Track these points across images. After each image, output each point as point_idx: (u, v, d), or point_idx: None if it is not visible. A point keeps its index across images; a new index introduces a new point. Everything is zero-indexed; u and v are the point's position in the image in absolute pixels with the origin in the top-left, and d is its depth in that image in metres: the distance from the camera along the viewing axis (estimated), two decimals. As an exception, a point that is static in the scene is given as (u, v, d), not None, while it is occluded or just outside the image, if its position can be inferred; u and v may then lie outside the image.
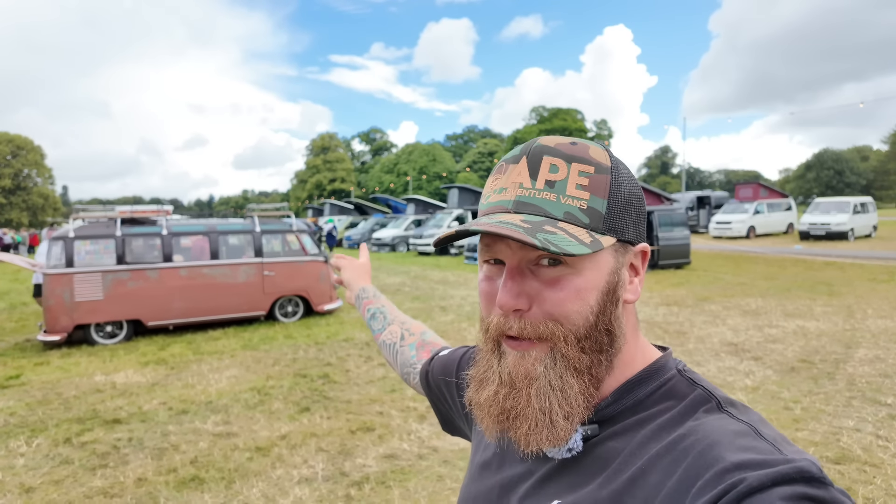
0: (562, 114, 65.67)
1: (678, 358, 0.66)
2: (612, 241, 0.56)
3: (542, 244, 0.51)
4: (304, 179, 79.49)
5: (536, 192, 0.57)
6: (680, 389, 0.59)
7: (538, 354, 0.56)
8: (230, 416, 4.44)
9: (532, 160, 0.58)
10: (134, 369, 5.95)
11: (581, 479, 0.57)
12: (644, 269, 0.63)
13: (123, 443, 3.99)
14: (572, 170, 0.57)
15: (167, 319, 7.57)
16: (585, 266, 0.56)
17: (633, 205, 0.60)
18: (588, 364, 0.57)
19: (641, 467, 0.53)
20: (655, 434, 0.55)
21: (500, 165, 0.62)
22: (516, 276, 0.56)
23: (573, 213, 0.56)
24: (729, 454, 0.47)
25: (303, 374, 5.53)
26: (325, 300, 8.62)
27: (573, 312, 0.55)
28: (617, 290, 0.58)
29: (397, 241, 21.91)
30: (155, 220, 7.79)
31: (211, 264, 7.78)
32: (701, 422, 0.53)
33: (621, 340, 0.59)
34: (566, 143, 0.59)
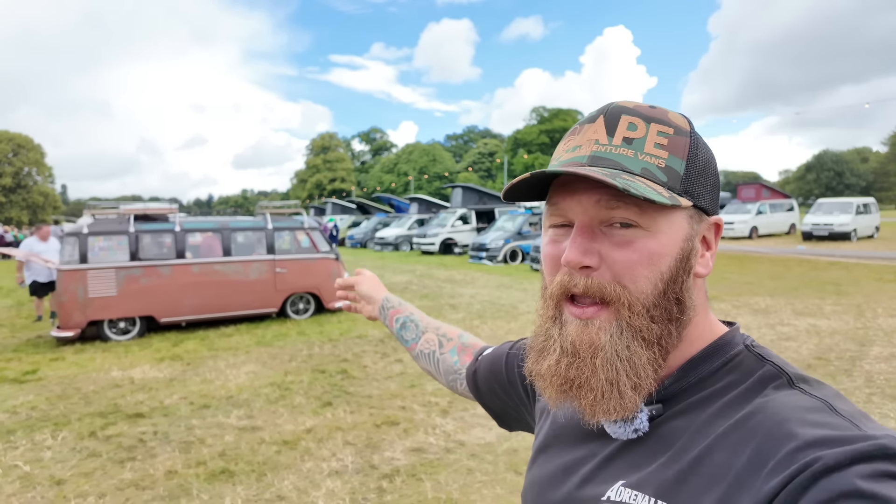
0: (562, 114, 65.76)
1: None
2: (688, 203, 0.54)
3: (622, 186, 0.49)
4: (305, 179, 79.49)
5: (613, 148, 0.55)
6: (748, 365, 0.56)
7: (602, 323, 0.54)
8: (253, 411, 4.45)
9: (609, 118, 0.57)
10: (150, 365, 5.96)
11: (644, 459, 0.55)
12: (716, 245, 0.60)
13: (149, 436, 4.00)
14: (651, 129, 0.56)
15: (180, 316, 7.57)
16: (661, 228, 0.53)
17: (710, 173, 0.58)
18: (658, 334, 0.54)
19: (708, 446, 0.50)
20: (721, 412, 0.53)
21: (573, 128, 0.60)
22: (586, 233, 0.54)
23: (651, 170, 0.54)
24: (801, 431, 0.45)
25: (321, 370, 5.54)
26: (335, 297, 8.56)
27: (642, 277, 0.53)
28: (690, 259, 0.56)
29: (400, 241, 21.91)
30: (168, 216, 7.80)
31: (223, 261, 7.79)
32: (770, 398, 0.51)
33: (692, 312, 0.57)
34: (645, 105, 0.58)
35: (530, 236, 15.94)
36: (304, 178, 79.59)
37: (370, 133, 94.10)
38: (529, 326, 7.27)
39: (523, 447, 3.65)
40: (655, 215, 0.53)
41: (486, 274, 13.34)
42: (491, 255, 15.55)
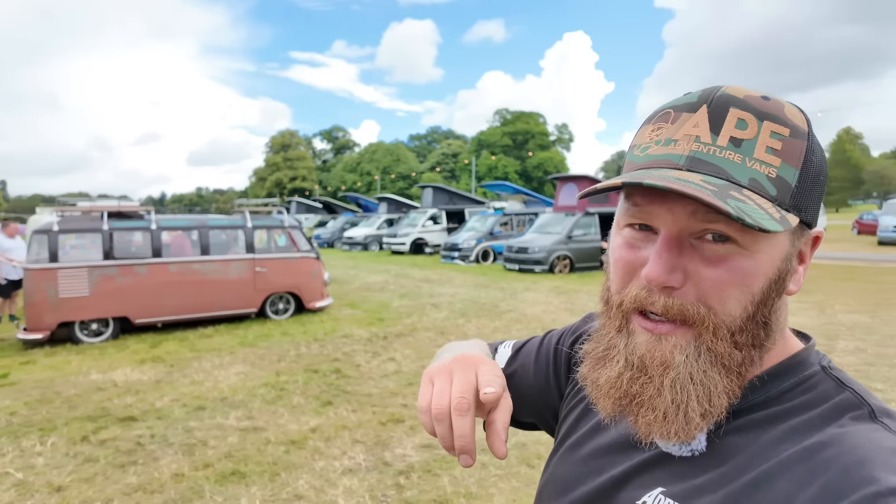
0: (525, 117, 66.69)
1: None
2: (796, 220, 0.47)
3: (736, 213, 0.42)
4: (264, 177, 77.87)
5: (717, 150, 0.48)
6: (824, 389, 0.51)
7: (678, 342, 0.49)
8: (251, 411, 4.37)
9: (714, 111, 0.49)
10: (131, 367, 5.75)
11: (691, 470, 0.52)
12: (811, 258, 0.54)
13: (146, 439, 3.88)
14: (763, 129, 0.48)
15: (156, 317, 7.32)
16: (760, 248, 0.47)
17: (821, 181, 0.51)
18: (739, 361, 0.49)
19: (767, 471, 0.46)
20: (787, 436, 0.48)
21: (664, 112, 0.52)
22: (674, 248, 0.48)
23: (760, 182, 0.47)
24: (884, 476, 0.40)
25: (314, 370, 5.48)
26: (316, 297, 8.52)
27: (732, 299, 0.48)
28: (786, 280, 0.50)
29: (370, 240, 21.78)
30: (142, 213, 7.53)
31: (202, 260, 7.58)
32: (847, 430, 0.46)
33: (777, 335, 0.52)
34: (757, 96, 0.50)
35: (502, 236, 16.14)
36: (264, 177, 77.93)
37: (332, 131, 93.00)
38: (514, 324, 7.44)
39: (531, 441, 3.73)
40: (757, 234, 0.47)
41: (461, 273, 13.43)
42: (463, 255, 15.66)
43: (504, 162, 60.54)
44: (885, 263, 14.15)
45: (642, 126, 0.54)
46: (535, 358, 0.77)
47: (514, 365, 0.78)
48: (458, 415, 0.53)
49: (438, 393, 0.56)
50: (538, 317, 8.01)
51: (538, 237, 13.56)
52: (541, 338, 0.80)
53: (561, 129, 71.16)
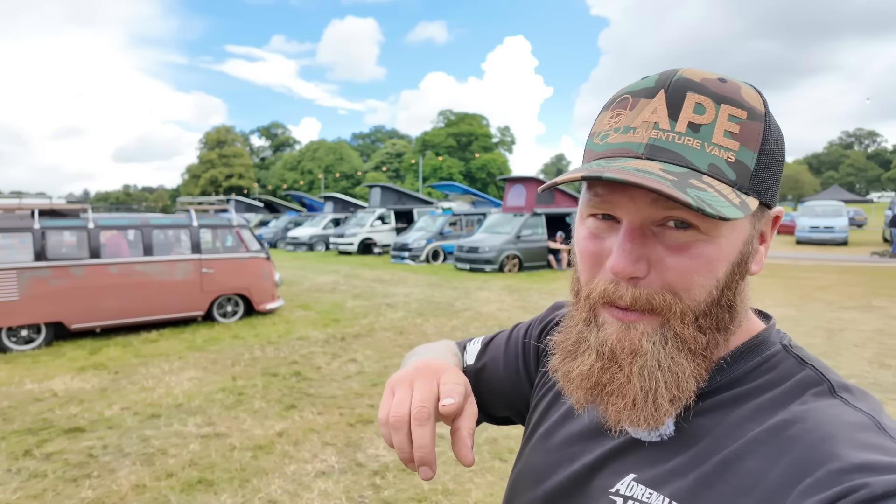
0: (468, 118, 67.33)
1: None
2: (756, 203, 0.48)
3: (696, 203, 0.42)
4: (197, 175, 74.74)
5: (676, 136, 0.47)
6: (785, 367, 0.52)
7: (646, 328, 0.50)
8: (211, 418, 4.20)
9: (672, 96, 0.48)
10: (70, 375, 5.39)
11: (662, 454, 0.52)
12: (772, 237, 0.55)
13: (98, 451, 3.65)
14: (721, 112, 0.47)
15: (94, 321, 6.88)
16: (721, 232, 0.48)
17: (779, 161, 0.51)
18: (704, 344, 0.50)
19: (736, 451, 0.47)
20: (753, 415, 0.49)
21: (622, 98, 0.52)
22: (637, 238, 0.48)
23: (719, 167, 0.47)
24: (847, 451, 0.41)
25: (272, 373, 5.33)
26: (267, 299, 8.27)
27: (697, 285, 0.48)
28: (748, 262, 0.51)
29: (315, 240, 21.34)
30: (78, 212, 7.05)
31: (144, 261, 7.19)
32: (810, 407, 0.47)
33: (742, 316, 0.53)
34: (714, 78, 0.49)
35: (451, 236, 16.24)
36: (197, 174, 74.78)
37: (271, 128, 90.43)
38: (471, 322, 7.53)
39: (502, 436, 3.80)
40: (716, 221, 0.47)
41: (412, 273, 13.41)
42: (413, 255, 15.65)
43: (449, 163, 60.88)
44: (803, 261, 15.32)
45: (601, 112, 0.54)
46: (504, 350, 0.77)
47: (483, 359, 0.78)
48: (417, 424, 0.52)
49: (398, 402, 0.54)
50: (494, 315, 8.13)
51: (488, 237, 13.76)
52: (509, 330, 0.81)
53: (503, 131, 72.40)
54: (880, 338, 6.35)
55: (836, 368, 5.18)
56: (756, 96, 0.50)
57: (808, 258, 15.97)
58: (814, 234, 19.38)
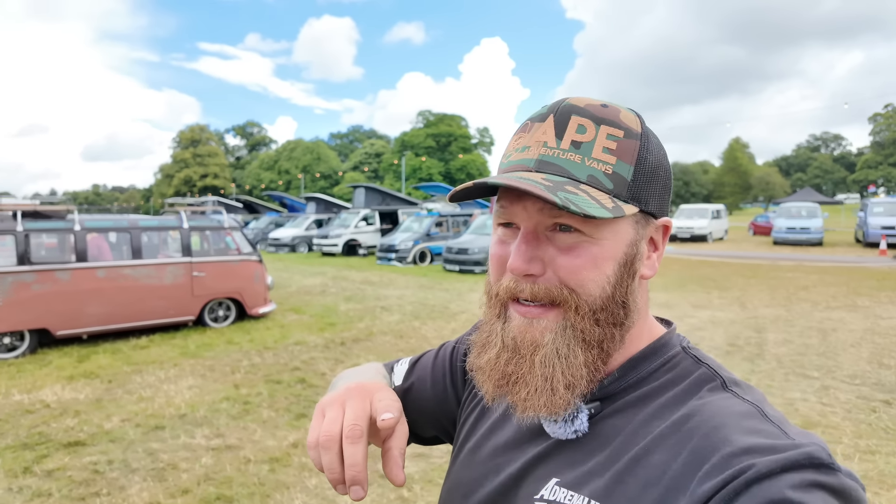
0: (447, 119, 67.28)
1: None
2: (634, 210, 0.54)
3: (562, 202, 0.48)
4: (171, 174, 73.24)
5: (561, 153, 0.54)
6: (684, 367, 0.58)
7: (548, 323, 0.54)
8: (219, 429, 4.05)
9: (559, 119, 0.55)
10: (60, 385, 5.15)
11: (580, 456, 0.56)
12: (664, 245, 0.60)
13: (103, 466, 3.48)
14: (600, 132, 0.54)
15: (81, 327, 6.60)
16: (604, 235, 0.54)
17: (659, 176, 0.57)
18: (600, 337, 0.55)
19: (645, 447, 0.52)
20: (658, 412, 0.54)
21: (524, 124, 0.59)
22: (531, 241, 0.54)
23: (597, 177, 0.53)
24: (736, 437, 0.46)
25: (275, 381, 5.18)
26: (259, 303, 8.07)
27: (589, 281, 0.53)
28: (635, 263, 0.56)
29: (297, 242, 21.01)
30: (64, 213, 6.77)
31: (133, 264, 6.94)
32: (705, 401, 0.52)
33: (635, 315, 0.57)
34: (597, 104, 0.56)
35: (438, 237, 16.16)
36: (171, 174, 73.26)
37: (246, 127, 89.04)
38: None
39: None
40: (598, 223, 0.53)
41: (401, 275, 13.28)
42: (400, 257, 15.51)
43: (428, 163, 60.75)
44: (782, 261, 15.67)
45: (512, 136, 0.61)
46: (431, 369, 0.79)
47: (411, 378, 0.79)
48: (349, 442, 0.52)
49: (329, 421, 0.55)
50: (490, 318, 8.06)
51: (477, 238, 13.72)
52: (436, 349, 0.82)
53: (483, 132, 72.53)
54: (872, 337, 6.49)
55: (838, 369, 5.29)
56: (634, 119, 0.57)
57: (787, 258, 16.34)
58: (790, 234, 19.85)
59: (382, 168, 66.34)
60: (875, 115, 67.24)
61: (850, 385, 4.82)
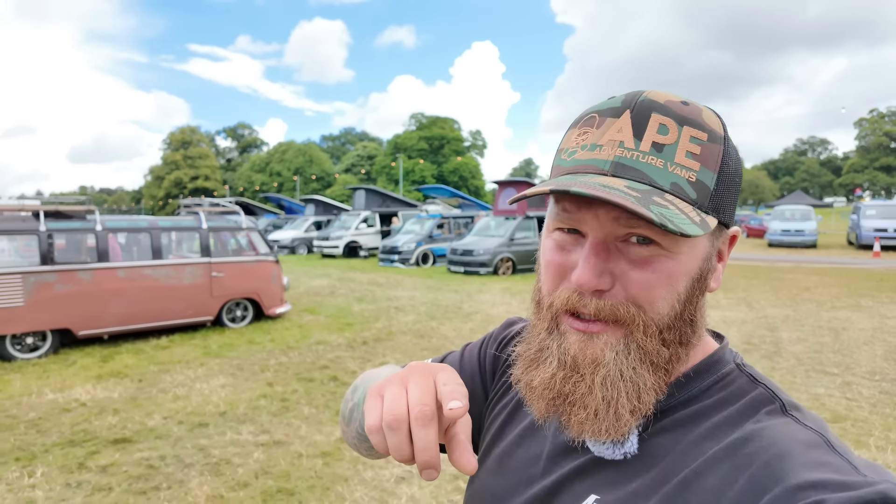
0: (440, 122, 67.45)
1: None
2: (715, 222, 0.50)
3: (658, 219, 0.44)
4: (161, 176, 72.64)
5: (640, 155, 0.49)
6: (739, 385, 0.54)
7: (609, 339, 0.51)
8: (263, 425, 4.10)
9: (637, 116, 0.50)
10: (90, 384, 5.16)
11: (624, 475, 0.52)
12: (729, 256, 0.57)
13: (157, 462, 3.51)
14: (683, 134, 0.50)
15: (103, 328, 6.60)
16: (681, 249, 0.50)
17: (736, 183, 0.54)
18: (667, 358, 0.51)
19: (696, 469, 0.48)
20: (711, 433, 0.50)
21: (589, 117, 0.53)
22: (601, 252, 0.50)
23: (681, 186, 0.49)
24: (802, 469, 0.43)
25: (308, 379, 5.23)
26: (276, 303, 8.10)
27: (660, 298, 0.50)
28: (707, 278, 0.53)
29: (297, 244, 20.99)
30: (84, 213, 6.76)
31: (154, 264, 6.95)
32: (764, 425, 0.49)
33: (701, 332, 0.55)
34: (677, 101, 0.52)
35: (440, 239, 16.24)
36: (161, 175, 72.64)
37: (237, 128, 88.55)
38: (486, 325, 7.56)
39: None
40: (677, 237, 0.49)
41: (407, 277, 13.34)
42: (403, 258, 15.57)
43: (421, 166, 60.84)
44: (780, 263, 15.94)
45: (569, 130, 0.55)
46: (458, 369, 0.75)
47: None
48: (420, 425, 0.46)
49: (392, 400, 0.48)
50: (504, 317, 8.13)
51: (481, 240, 13.81)
52: (460, 351, 0.80)
53: (475, 135, 72.81)
54: (883, 336, 6.66)
55: (857, 366, 5.44)
56: (716, 120, 0.53)
57: (785, 260, 16.62)
58: (785, 237, 20.17)
59: (375, 170, 66.30)
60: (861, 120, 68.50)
61: (871, 381, 4.97)
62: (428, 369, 0.52)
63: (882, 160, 64.55)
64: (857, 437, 3.80)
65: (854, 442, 3.73)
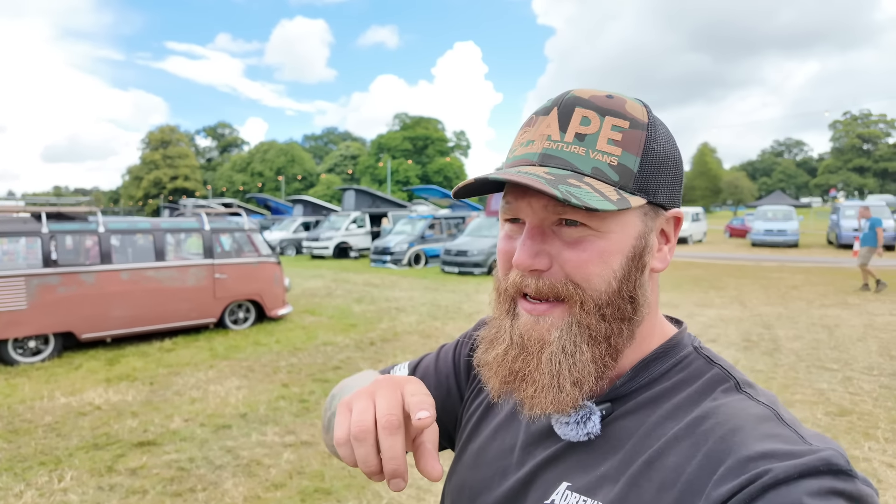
0: (424, 122, 67.41)
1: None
2: (641, 201, 0.53)
3: (563, 195, 0.48)
4: (140, 176, 71.45)
5: (564, 146, 0.53)
6: (697, 367, 0.57)
7: (554, 320, 0.54)
8: (288, 426, 4.11)
9: (563, 111, 0.55)
10: (101, 387, 5.11)
11: (592, 459, 0.55)
12: (676, 237, 0.60)
13: (186, 464, 3.52)
14: (605, 123, 0.53)
15: (106, 330, 6.52)
16: (610, 228, 0.53)
17: (668, 166, 0.56)
18: (606, 333, 0.54)
19: (658, 449, 0.51)
20: (671, 414, 0.53)
21: (529, 118, 0.58)
22: (536, 236, 0.54)
23: (602, 169, 0.53)
24: (753, 441, 0.46)
25: (322, 379, 5.25)
26: (278, 305, 8.08)
27: (595, 275, 0.53)
28: (644, 256, 0.55)
29: (285, 245, 20.84)
30: (86, 215, 6.67)
31: (157, 266, 6.88)
32: (720, 403, 0.52)
33: (645, 310, 0.56)
34: (602, 95, 0.55)
35: (432, 240, 16.29)
36: (140, 175, 71.42)
37: (217, 128, 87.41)
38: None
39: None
40: (604, 216, 0.52)
41: (402, 277, 13.37)
42: (395, 259, 15.58)
43: (405, 166, 60.75)
44: (765, 262, 16.33)
45: (518, 132, 0.60)
46: (434, 370, 0.78)
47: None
48: (387, 434, 0.47)
49: (360, 412, 0.49)
50: (507, 317, 8.24)
51: (475, 240, 13.90)
52: (436, 352, 0.82)
53: (459, 135, 72.92)
54: (874, 333, 6.90)
55: (854, 361, 5.64)
56: (640, 108, 0.56)
57: (770, 259, 17.02)
58: (768, 237, 20.65)
59: (359, 170, 66.02)
60: (835, 122, 70.28)
61: (870, 376, 5.16)
62: (395, 382, 0.53)
63: (855, 161, 66.39)
64: (866, 430, 3.96)
65: (863, 434, 3.89)
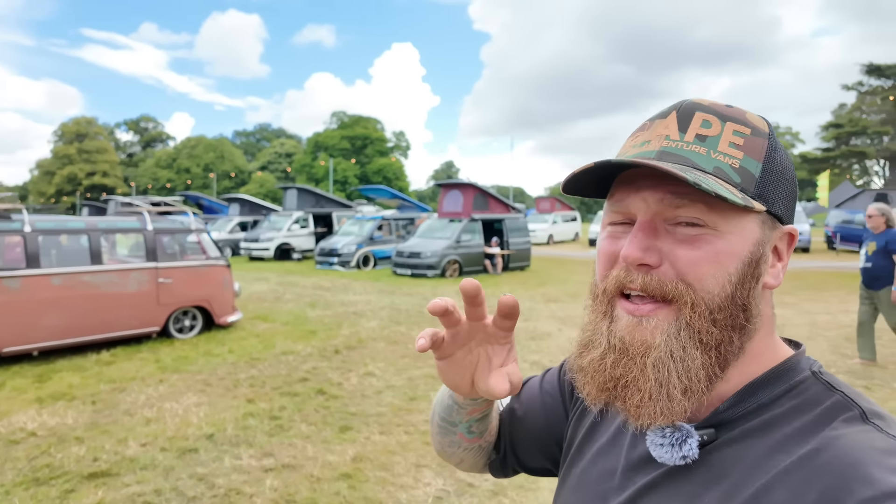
0: (363, 121, 66.43)
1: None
2: (762, 208, 0.51)
3: (693, 179, 0.46)
4: (52, 171, 66.02)
5: (684, 145, 0.52)
6: (814, 393, 0.51)
7: (659, 322, 0.51)
8: (265, 447, 3.74)
9: (682, 115, 0.54)
10: (34, 409, 4.48)
11: (693, 488, 0.52)
12: (789, 256, 0.56)
13: (151, 496, 3.09)
14: (726, 128, 0.52)
15: (33, 343, 5.78)
16: (729, 229, 0.50)
17: (787, 179, 0.54)
18: (717, 339, 0.50)
19: (767, 484, 0.46)
20: (782, 445, 0.48)
21: (643, 124, 0.58)
22: (648, 230, 0.51)
23: (724, 170, 0.51)
24: (879, 477, 0.41)
25: (291, 393, 4.86)
26: (227, 311, 7.52)
27: (708, 276, 0.49)
28: (760, 265, 0.52)
29: (221, 245, 19.71)
30: (10, 213, 5.90)
31: (94, 270, 6.20)
32: (840, 434, 0.46)
33: (757, 322, 0.53)
34: (722, 104, 0.55)
35: (381, 241, 15.93)
36: (51, 170, 65.97)
37: (140, 121, 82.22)
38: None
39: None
40: (725, 215, 0.50)
41: (352, 280, 12.93)
42: (343, 261, 15.09)
43: (344, 165, 59.57)
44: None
45: (627, 139, 0.60)
46: (539, 391, 0.79)
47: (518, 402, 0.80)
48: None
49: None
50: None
51: (427, 242, 13.68)
52: (541, 374, 0.83)
53: (399, 136, 72.41)
54: (819, 331, 7.28)
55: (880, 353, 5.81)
56: (761, 120, 0.55)
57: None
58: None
59: (294, 169, 64.09)
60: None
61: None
62: None
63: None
64: None
65: None
